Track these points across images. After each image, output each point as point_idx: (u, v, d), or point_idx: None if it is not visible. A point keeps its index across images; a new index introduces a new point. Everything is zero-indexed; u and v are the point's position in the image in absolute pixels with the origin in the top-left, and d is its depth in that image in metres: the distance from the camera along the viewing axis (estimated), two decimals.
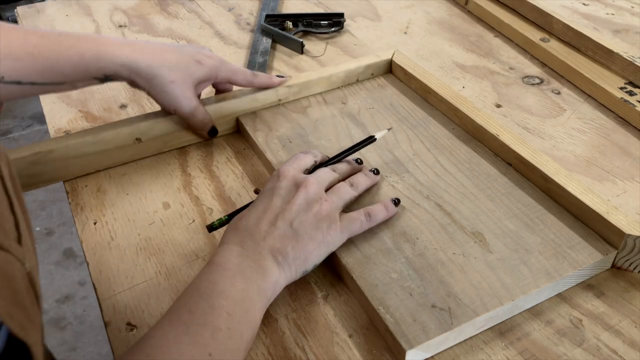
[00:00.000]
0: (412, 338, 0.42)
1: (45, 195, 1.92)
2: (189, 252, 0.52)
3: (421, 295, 0.45)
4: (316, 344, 0.44)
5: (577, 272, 0.47)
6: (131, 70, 0.57)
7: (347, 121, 0.64)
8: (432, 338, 0.42)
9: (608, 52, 0.72)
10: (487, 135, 0.59)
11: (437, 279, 0.46)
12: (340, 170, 0.53)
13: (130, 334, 0.45)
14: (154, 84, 0.58)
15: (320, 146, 0.61)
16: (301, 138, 0.62)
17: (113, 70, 0.56)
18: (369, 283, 0.46)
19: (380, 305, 0.44)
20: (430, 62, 0.78)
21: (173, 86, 0.58)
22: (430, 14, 0.91)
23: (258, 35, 0.84)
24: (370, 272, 0.47)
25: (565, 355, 0.43)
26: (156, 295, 0.48)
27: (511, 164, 0.57)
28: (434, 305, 0.44)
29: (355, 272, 0.47)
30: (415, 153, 0.59)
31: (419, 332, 0.42)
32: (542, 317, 0.46)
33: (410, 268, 0.47)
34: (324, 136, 0.62)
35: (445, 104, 0.64)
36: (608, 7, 0.90)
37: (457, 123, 0.63)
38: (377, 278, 0.46)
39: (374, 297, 0.45)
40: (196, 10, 0.93)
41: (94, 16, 0.90)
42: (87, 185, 0.59)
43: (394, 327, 0.42)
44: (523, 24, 0.83)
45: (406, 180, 0.56)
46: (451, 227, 0.51)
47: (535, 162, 0.54)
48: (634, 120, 0.65)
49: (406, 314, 0.43)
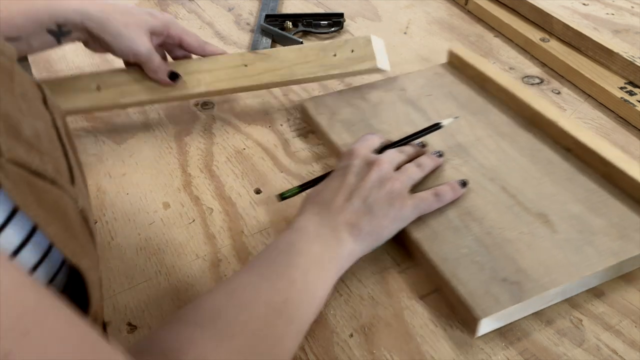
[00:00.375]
0: (485, 307, 0.44)
1: None
2: (189, 252, 0.52)
3: (491, 269, 0.47)
4: (316, 344, 0.44)
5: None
6: (83, 15, 0.57)
7: (407, 107, 0.66)
8: (505, 308, 0.43)
9: (608, 52, 0.72)
10: (546, 121, 0.61)
11: (506, 256, 0.48)
12: (407, 152, 0.55)
13: (130, 334, 0.45)
14: (108, 27, 0.58)
15: (382, 130, 0.62)
16: (363, 122, 0.64)
17: (65, 17, 0.56)
18: (440, 257, 0.48)
19: (452, 277, 0.46)
20: (430, 62, 0.78)
21: (128, 29, 0.59)
22: (430, 14, 0.91)
23: (258, 35, 0.84)
24: (440, 247, 0.49)
25: (565, 355, 0.43)
26: (156, 295, 0.48)
27: (570, 149, 0.58)
28: (504, 279, 0.46)
29: (425, 247, 0.49)
30: (477, 138, 0.61)
31: (492, 302, 0.44)
32: (542, 317, 0.46)
33: (479, 244, 0.49)
34: (385, 121, 0.64)
35: (504, 92, 0.66)
36: (608, 7, 0.90)
37: (516, 110, 0.65)
38: (448, 253, 0.48)
39: (445, 270, 0.47)
40: (196, 10, 0.93)
41: None
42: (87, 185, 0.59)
43: (467, 297, 0.44)
44: (523, 24, 0.83)
45: (470, 164, 0.57)
46: (516, 208, 0.52)
47: (595, 147, 0.56)
48: (634, 120, 0.65)
49: (478, 285, 0.45)
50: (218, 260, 0.51)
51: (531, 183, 0.55)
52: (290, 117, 0.69)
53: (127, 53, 0.61)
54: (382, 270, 0.50)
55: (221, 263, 0.51)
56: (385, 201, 0.48)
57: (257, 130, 0.67)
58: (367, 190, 0.48)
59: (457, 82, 0.70)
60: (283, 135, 0.66)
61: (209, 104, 0.71)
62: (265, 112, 0.70)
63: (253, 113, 0.70)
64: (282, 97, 0.72)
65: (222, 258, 0.51)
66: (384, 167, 0.50)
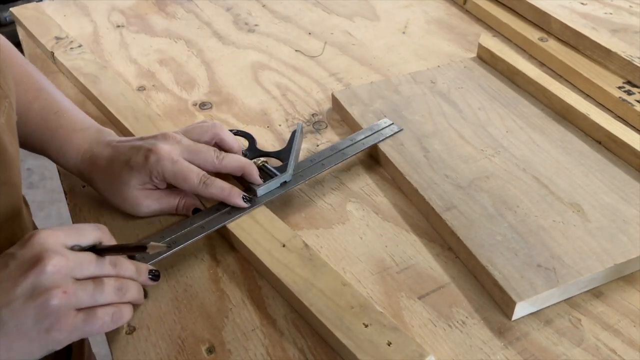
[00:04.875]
0: (521, 292, 0.45)
1: (43, 196, 1.92)
2: (187, 253, 0.52)
3: (526, 255, 0.48)
4: (315, 344, 0.44)
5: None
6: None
7: (439, 99, 0.67)
8: (540, 293, 0.45)
9: (606, 52, 0.72)
10: (577, 114, 0.62)
11: (540, 243, 0.49)
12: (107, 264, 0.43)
13: (129, 335, 0.45)
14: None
15: (415, 121, 0.64)
16: (395, 113, 0.65)
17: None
18: (476, 243, 0.49)
19: (488, 263, 0.47)
20: (428, 61, 0.78)
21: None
22: (429, 13, 0.91)
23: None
24: (475, 233, 0.50)
25: (564, 355, 0.43)
26: (155, 295, 0.48)
27: (601, 142, 0.60)
28: (539, 265, 0.47)
29: (461, 233, 0.50)
30: (508, 130, 0.62)
31: (527, 287, 0.45)
32: (541, 317, 0.46)
33: (514, 232, 0.50)
34: (417, 112, 0.65)
35: (533, 84, 0.67)
36: (606, 6, 0.90)
37: (546, 103, 0.66)
38: (483, 239, 0.50)
39: (481, 256, 0.48)
40: (194, 10, 0.93)
41: (92, 16, 0.90)
42: (86, 185, 0.59)
43: (503, 282, 0.46)
44: (521, 24, 0.83)
45: (502, 154, 0.59)
46: (549, 198, 0.54)
47: (627, 139, 0.57)
48: (632, 120, 0.65)
49: (513, 271, 0.47)
50: (217, 262, 0.51)
51: (563, 173, 0.56)
52: (289, 117, 0.69)
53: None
54: (381, 271, 0.50)
55: (220, 264, 0.51)
56: (28, 312, 0.37)
57: (256, 130, 0.67)
58: (11, 290, 0.37)
59: (487, 75, 0.72)
60: (281, 135, 0.66)
61: (207, 104, 0.71)
62: (263, 113, 0.70)
63: (251, 113, 0.70)
64: (281, 97, 0.72)
65: (220, 259, 0.51)
66: (49, 269, 0.38)
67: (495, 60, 0.73)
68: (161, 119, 0.65)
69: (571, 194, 0.54)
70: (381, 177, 0.60)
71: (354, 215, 0.55)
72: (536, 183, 0.55)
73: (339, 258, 0.51)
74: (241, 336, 0.45)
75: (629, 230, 0.50)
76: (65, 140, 0.55)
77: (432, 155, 0.59)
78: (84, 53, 0.77)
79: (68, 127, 0.55)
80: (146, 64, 0.78)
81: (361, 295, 0.45)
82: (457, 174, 0.57)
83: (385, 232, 0.53)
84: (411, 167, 0.57)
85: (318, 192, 0.58)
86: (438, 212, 0.52)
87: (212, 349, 0.44)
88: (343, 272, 0.50)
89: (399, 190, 0.58)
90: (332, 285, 0.46)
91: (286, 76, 0.76)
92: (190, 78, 0.76)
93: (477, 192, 0.55)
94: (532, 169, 0.57)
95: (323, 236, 0.53)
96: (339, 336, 0.42)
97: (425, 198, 0.54)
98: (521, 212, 0.52)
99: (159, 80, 0.75)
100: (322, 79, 0.75)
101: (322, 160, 0.58)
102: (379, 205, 0.56)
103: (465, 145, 0.61)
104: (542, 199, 0.54)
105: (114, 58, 0.80)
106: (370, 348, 0.41)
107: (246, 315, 0.47)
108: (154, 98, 0.72)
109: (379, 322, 0.43)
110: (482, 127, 0.63)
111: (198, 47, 0.82)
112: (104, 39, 0.84)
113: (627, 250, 0.48)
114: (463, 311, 0.47)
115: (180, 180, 0.51)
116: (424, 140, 0.61)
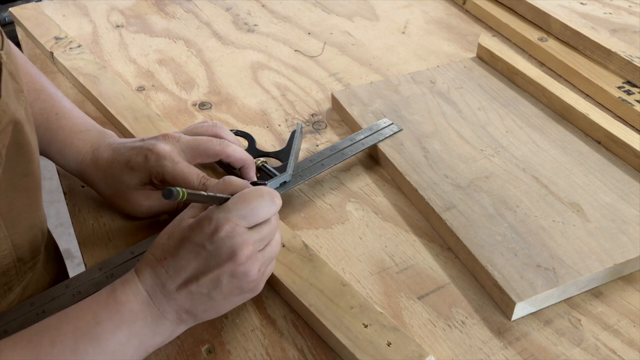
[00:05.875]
0: (520, 292, 0.45)
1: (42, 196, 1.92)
2: None
3: (526, 255, 0.48)
4: (314, 344, 0.44)
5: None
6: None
7: (438, 99, 0.68)
8: (539, 293, 0.45)
9: (606, 52, 0.72)
10: (577, 114, 0.62)
11: (540, 243, 0.49)
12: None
13: None
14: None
15: (414, 121, 0.64)
16: (395, 113, 0.65)
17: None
18: (475, 244, 0.49)
19: (487, 263, 0.48)
20: (428, 61, 0.78)
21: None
22: (428, 13, 0.91)
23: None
24: (475, 234, 0.50)
25: (564, 355, 0.43)
26: None
27: (601, 141, 0.60)
28: (538, 265, 0.47)
29: (460, 234, 0.50)
30: (507, 130, 0.62)
31: (527, 287, 0.46)
32: (541, 317, 0.46)
33: (514, 232, 0.50)
34: (417, 112, 0.66)
35: (533, 84, 0.67)
36: (606, 6, 0.90)
37: (545, 103, 0.66)
38: (483, 239, 0.50)
39: (481, 256, 0.48)
40: (193, 10, 0.93)
41: (91, 16, 0.90)
42: (85, 186, 0.59)
43: (502, 282, 0.46)
44: (521, 24, 0.83)
45: (502, 154, 0.59)
46: (549, 198, 0.54)
47: (627, 139, 0.57)
48: (632, 119, 0.65)
49: (513, 271, 0.47)
50: None
51: (563, 173, 0.56)
52: (289, 117, 0.69)
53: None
54: (381, 271, 0.50)
55: None
56: (233, 291, 0.42)
57: (255, 130, 0.67)
58: (217, 281, 0.41)
59: (487, 75, 0.72)
60: (281, 135, 0.66)
61: (206, 104, 0.71)
62: (263, 113, 0.70)
63: (251, 113, 0.69)
64: (280, 97, 0.72)
65: None
66: (244, 257, 0.41)
67: (495, 60, 0.73)
68: (161, 119, 0.65)
69: (571, 194, 0.54)
70: (381, 177, 0.60)
71: (353, 215, 0.55)
72: (536, 183, 0.55)
73: (339, 258, 0.51)
74: (241, 337, 0.45)
75: (628, 230, 0.50)
76: (66, 142, 0.55)
77: (432, 155, 0.59)
78: (83, 53, 0.77)
79: (69, 128, 0.55)
80: (145, 64, 0.78)
81: (361, 296, 0.45)
82: (456, 174, 0.57)
83: (384, 232, 0.53)
84: (411, 167, 0.57)
85: (318, 192, 0.58)
86: (437, 212, 0.52)
87: (211, 349, 0.44)
88: (342, 273, 0.50)
89: (398, 191, 0.58)
90: (331, 285, 0.46)
91: (286, 76, 0.76)
92: (190, 78, 0.76)
93: (476, 192, 0.55)
94: (531, 169, 0.57)
95: (322, 236, 0.53)
96: (339, 336, 0.42)
97: (425, 198, 0.54)
98: (521, 212, 0.52)
99: (158, 80, 0.75)
100: (322, 79, 0.75)
101: (321, 160, 0.58)
102: (379, 205, 0.56)
103: (464, 145, 0.61)
104: (542, 199, 0.54)
105: (114, 58, 0.80)
106: (370, 348, 0.41)
107: (245, 316, 0.47)
108: (154, 98, 0.72)
109: (379, 323, 0.43)
110: (481, 127, 0.63)
111: (197, 47, 0.82)
112: (103, 39, 0.84)
113: (627, 250, 0.48)
114: (463, 311, 0.47)
115: (180, 181, 0.51)
116: (423, 140, 0.61)
